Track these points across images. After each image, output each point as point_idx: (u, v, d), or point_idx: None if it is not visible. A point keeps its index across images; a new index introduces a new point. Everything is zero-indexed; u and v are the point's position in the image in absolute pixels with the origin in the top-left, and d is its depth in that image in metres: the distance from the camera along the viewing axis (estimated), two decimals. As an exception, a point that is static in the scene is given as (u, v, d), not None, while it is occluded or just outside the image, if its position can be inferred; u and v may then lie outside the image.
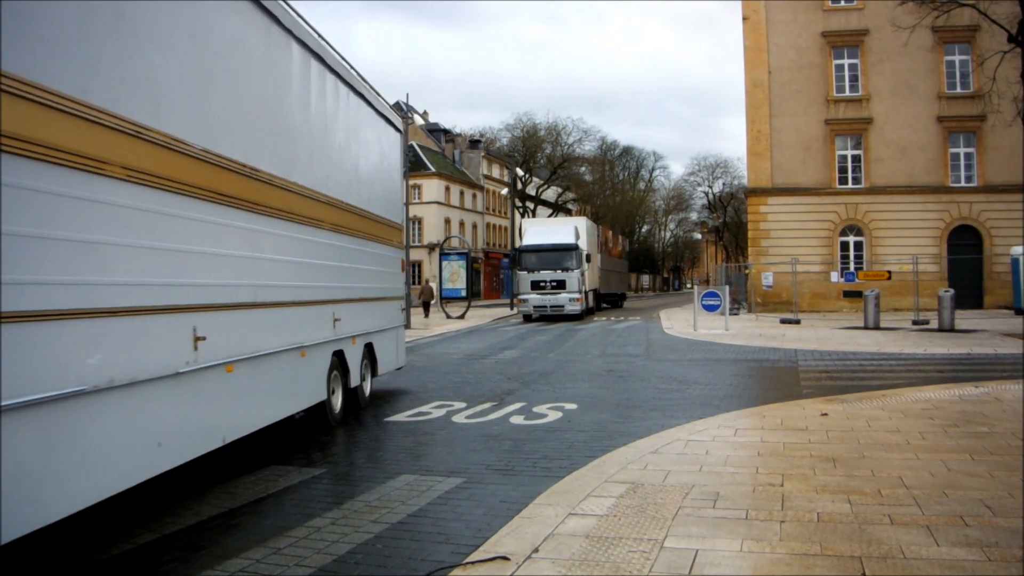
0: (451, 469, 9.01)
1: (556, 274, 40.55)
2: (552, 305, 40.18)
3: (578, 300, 40.39)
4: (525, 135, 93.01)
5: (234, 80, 8.43)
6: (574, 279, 40.58)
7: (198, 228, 7.40)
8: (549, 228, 44.96)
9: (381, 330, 14.20)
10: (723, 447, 9.42)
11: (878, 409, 11.82)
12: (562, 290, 40.30)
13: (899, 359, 20.27)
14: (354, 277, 12.34)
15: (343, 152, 12.10)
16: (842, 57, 42.37)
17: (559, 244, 41.39)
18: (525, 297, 40.90)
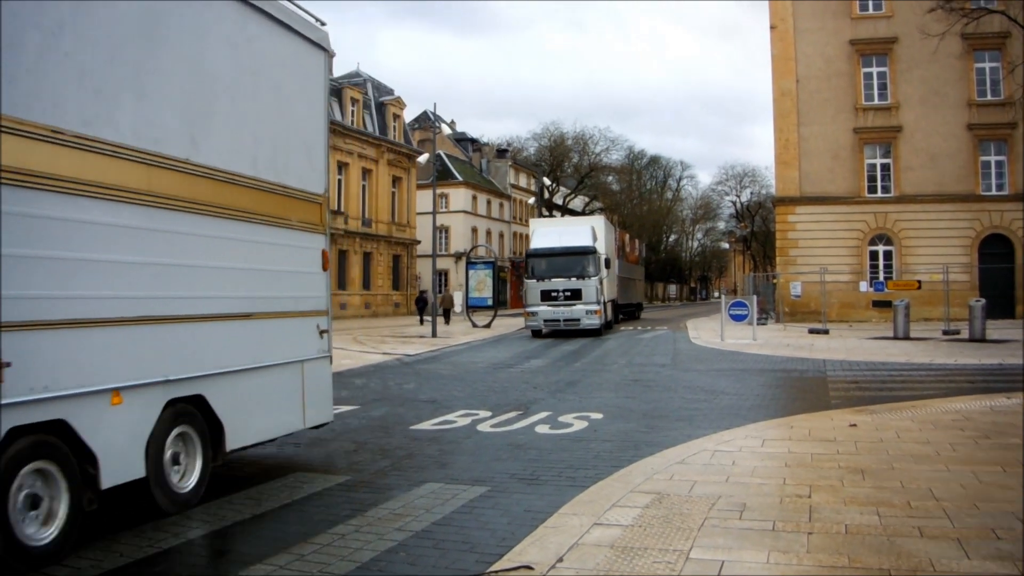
0: (476, 478, 8.98)
1: (570, 282, 34.26)
2: (566, 319, 34.21)
3: (596, 312, 34.21)
4: (552, 144, 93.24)
5: None
6: (591, 288, 34.29)
7: None
8: (562, 229, 38.28)
9: (245, 370, 8.56)
10: (750, 457, 9.34)
11: (908, 420, 11.71)
12: (577, 301, 34.10)
13: (929, 369, 20.08)
14: (174, 279, 7.53)
15: (172, 76, 7.62)
16: (871, 65, 42.16)
17: (574, 247, 34.94)
18: (534, 309, 34.75)
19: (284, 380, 9.38)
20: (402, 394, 16.82)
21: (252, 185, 8.68)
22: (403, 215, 69.39)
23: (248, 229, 8.63)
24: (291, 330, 9.53)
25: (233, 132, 8.52)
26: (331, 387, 10.68)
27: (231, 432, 8.31)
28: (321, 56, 10.30)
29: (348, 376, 20.46)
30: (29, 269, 6.00)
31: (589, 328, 34.35)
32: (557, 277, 34.57)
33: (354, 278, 62.14)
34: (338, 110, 61.03)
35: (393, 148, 67.16)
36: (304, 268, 9.80)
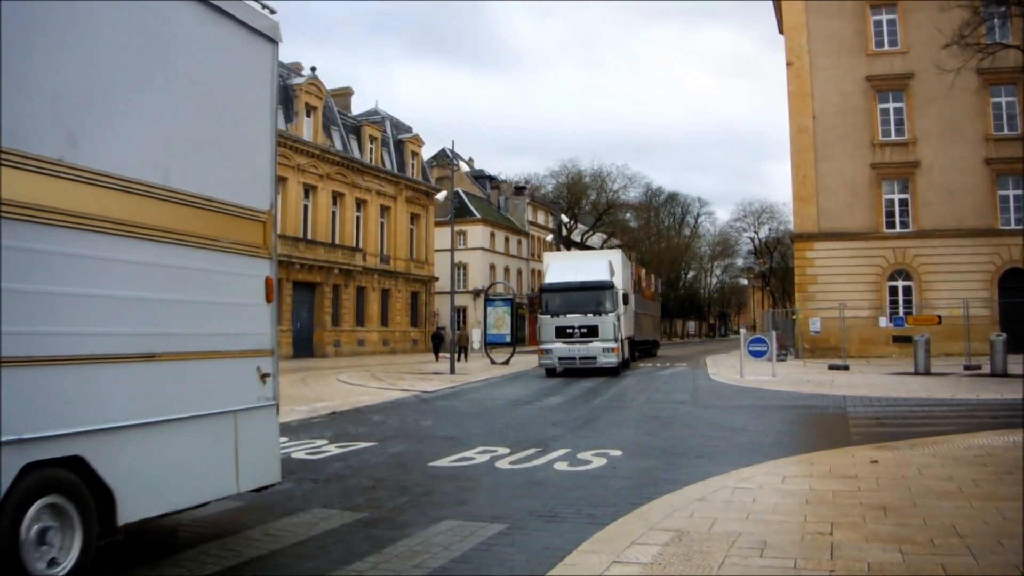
0: (495, 515, 8.93)
1: (587, 318, 32.76)
2: (582, 357, 32.50)
3: (614, 350, 32.56)
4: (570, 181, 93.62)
5: None
6: (609, 324, 32.74)
7: None
8: (578, 263, 37.58)
9: (146, 424, 6.74)
10: (771, 495, 9.27)
11: (930, 456, 11.61)
12: (594, 338, 32.55)
13: (951, 405, 19.94)
14: (32, 310, 5.75)
15: (37, 57, 5.92)
16: (887, 101, 42.23)
17: (591, 282, 33.53)
18: (548, 347, 33.08)
19: (207, 435, 7.57)
20: (420, 430, 16.78)
21: (159, 196, 7.00)
22: (421, 252, 69.67)
23: (153, 250, 6.92)
24: (219, 374, 7.73)
25: (131, 131, 6.86)
26: (277, 441, 8.73)
27: (126, 501, 6.44)
28: (267, 48, 8.62)
29: (366, 412, 20.46)
30: None
31: (606, 367, 32.49)
32: (572, 313, 32.98)
33: (372, 315, 62.32)
34: (356, 147, 61.52)
35: (411, 185, 67.57)
36: (240, 299, 8.01)
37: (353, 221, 60.67)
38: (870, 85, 42.23)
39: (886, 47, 42.49)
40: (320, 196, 56.37)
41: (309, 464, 12.48)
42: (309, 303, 55.91)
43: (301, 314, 54.92)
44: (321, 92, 57.20)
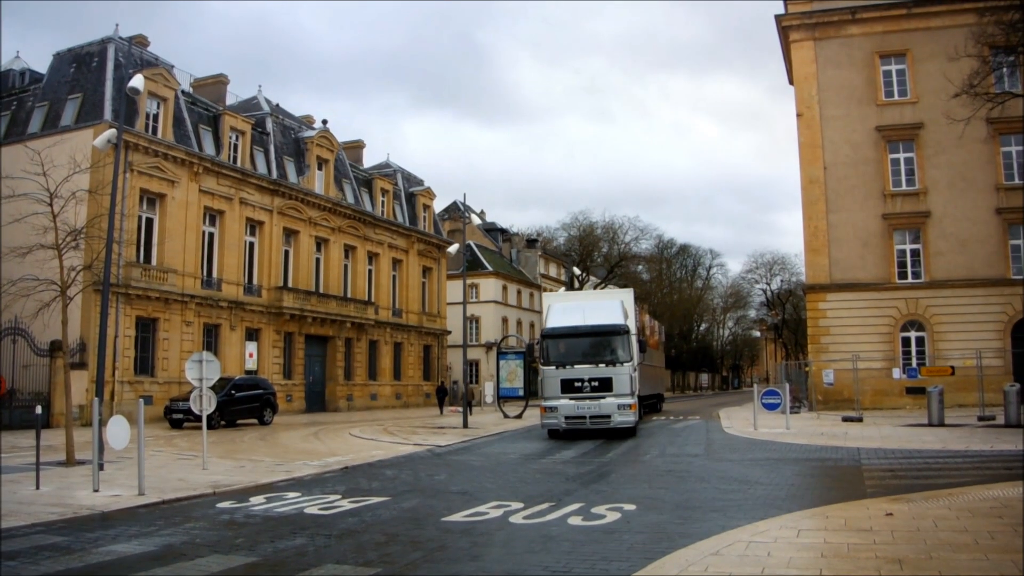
0: (508, 570, 8.90)
1: (598, 369, 27.78)
2: (593, 416, 27.51)
3: (630, 407, 27.64)
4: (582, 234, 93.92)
5: None
6: (624, 377, 27.68)
7: None
8: (586, 304, 32.47)
9: None
10: (786, 548, 9.22)
11: (945, 508, 11.54)
12: (607, 393, 27.54)
13: (965, 456, 19.81)
14: None
15: None
16: (897, 151, 42.35)
17: (602, 326, 28.68)
18: (553, 403, 27.96)
19: None
20: (433, 485, 16.74)
21: None
22: (433, 305, 69.74)
23: None
24: None
25: None
26: None
27: None
28: None
29: (379, 467, 20.43)
30: None
31: (622, 427, 27.79)
32: (581, 363, 28.05)
33: (385, 368, 62.27)
34: (368, 200, 61.87)
35: (423, 238, 67.80)
36: None
37: (365, 274, 60.85)
38: (880, 135, 42.38)
39: (896, 97, 42.70)
40: (332, 249, 56.60)
41: (322, 519, 12.46)
42: (321, 357, 55.95)
43: (313, 368, 54.93)
44: (333, 145, 57.63)
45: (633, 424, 28.25)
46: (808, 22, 43.96)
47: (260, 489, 16.19)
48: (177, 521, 12.45)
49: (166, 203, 42.70)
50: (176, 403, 35.08)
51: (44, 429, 20.87)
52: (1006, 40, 31.93)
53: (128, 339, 40.02)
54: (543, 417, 28.59)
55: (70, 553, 10.09)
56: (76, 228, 21.44)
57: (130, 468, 17.42)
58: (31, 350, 34.57)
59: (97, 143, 20.88)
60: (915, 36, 42.36)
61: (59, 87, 42.97)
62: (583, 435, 28.10)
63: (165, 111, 43.37)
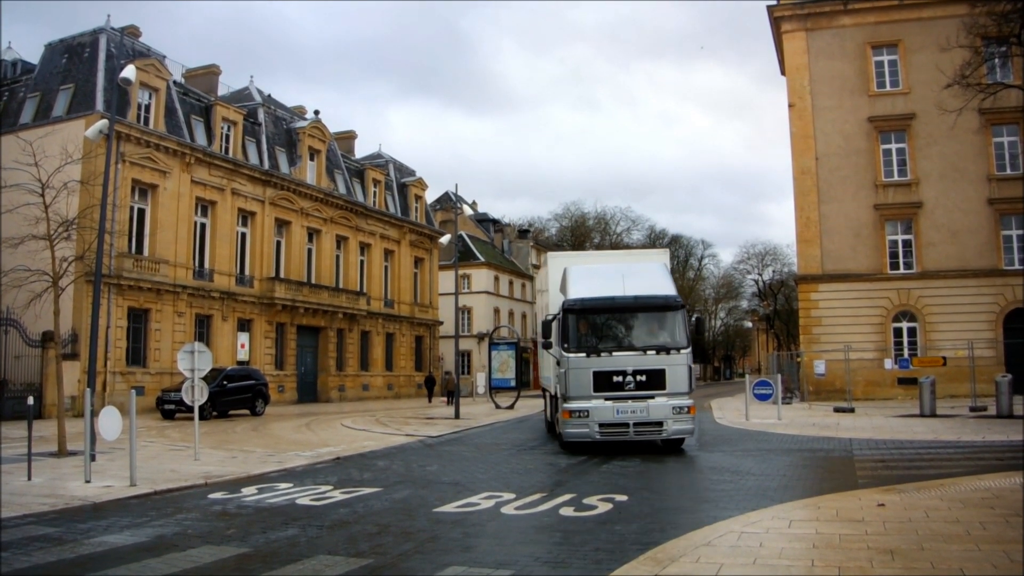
0: (500, 561, 8.90)
1: (646, 358, 19.95)
2: (640, 423, 19.85)
3: (688, 410, 20.03)
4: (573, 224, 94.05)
5: None
6: (681, 369, 20.09)
7: None
8: (623, 267, 23.02)
9: None
10: (777, 539, 9.24)
11: (936, 499, 11.57)
12: (657, 391, 19.87)
13: (957, 447, 19.87)
14: None
15: None
16: (889, 142, 42.41)
17: (650, 298, 20.69)
18: (580, 407, 19.95)
19: None
20: (425, 476, 16.74)
21: None
22: (425, 296, 69.68)
23: None
24: None
25: None
26: None
27: None
28: None
29: (371, 458, 20.42)
30: None
31: (675, 438, 20.70)
32: (622, 350, 20.21)
33: (376, 359, 62.25)
34: (360, 191, 61.78)
35: (415, 229, 67.74)
36: None
37: (357, 265, 60.78)
38: (872, 126, 42.42)
39: (888, 88, 42.76)
40: (324, 240, 56.52)
41: (314, 510, 12.45)
42: (313, 348, 55.90)
43: (305, 359, 54.88)
44: (324, 136, 57.51)
45: (692, 431, 20.68)
46: (800, 12, 43.96)
47: (252, 480, 16.18)
48: (169, 512, 12.43)
49: (158, 194, 42.59)
50: (168, 394, 35.08)
51: (36, 420, 20.81)
52: (998, 31, 32.05)
53: (120, 330, 39.95)
54: (564, 424, 20.24)
55: (62, 544, 10.07)
56: (68, 219, 21.36)
57: (122, 459, 17.39)
58: (23, 341, 34.52)
59: (89, 134, 20.78)
60: (907, 27, 42.40)
61: (51, 78, 42.82)
62: (620, 448, 20.83)
63: (157, 102, 43.24)
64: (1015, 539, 8.77)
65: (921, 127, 41.53)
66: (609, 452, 20.23)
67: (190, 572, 8.59)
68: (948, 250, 40.99)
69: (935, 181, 41.38)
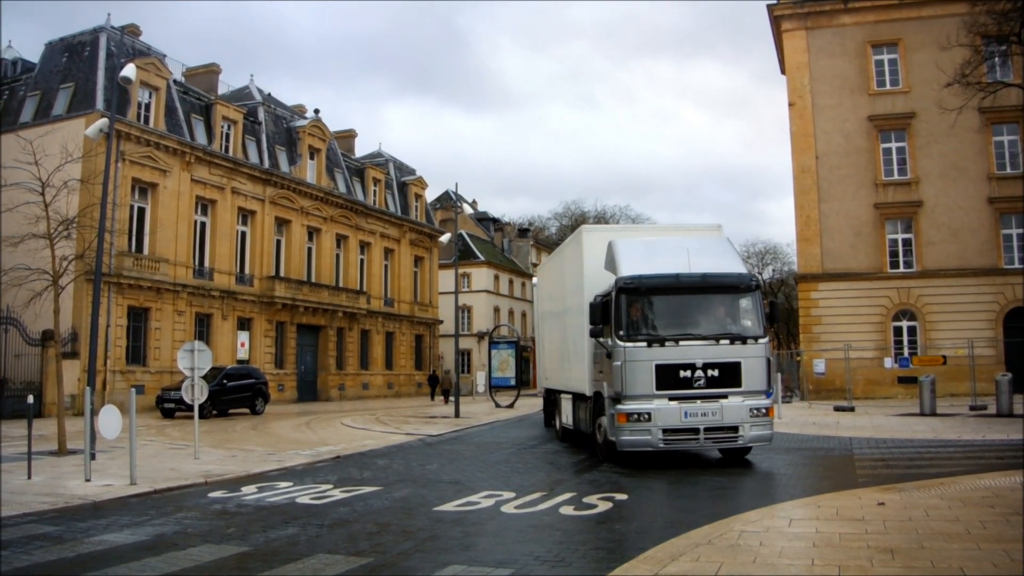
0: (500, 560, 8.89)
1: (718, 349, 16.81)
2: (711, 428, 16.71)
3: (768, 412, 17.10)
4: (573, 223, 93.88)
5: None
6: (758, 362, 16.99)
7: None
8: (684, 242, 18.65)
9: None
10: (777, 538, 9.23)
11: (936, 498, 11.56)
12: (731, 389, 16.75)
13: (957, 446, 19.86)
14: None
15: None
16: (889, 140, 42.40)
17: (721, 276, 17.53)
18: (641, 408, 16.60)
19: None
20: (425, 475, 16.73)
21: None
22: (425, 295, 69.69)
23: None
24: None
25: None
26: None
27: None
28: None
29: (371, 457, 20.42)
30: None
31: (752, 444, 17.43)
32: (690, 338, 16.81)
33: (376, 358, 62.26)
34: (360, 190, 61.76)
35: (415, 228, 67.74)
36: None
37: (357, 264, 60.78)
38: (872, 125, 42.41)
39: (888, 87, 42.75)
40: (324, 239, 56.52)
41: (313, 509, 12.45)
42: (313, 347, 55.90)
43: (305, 357, 54.88)
44: (325, 135, 57.51)
45: (770, 437, 17.54)
46: (800, 11, 43.95)
47: (252, 479, 16.18)
48: (169, 511, 12.43)
49: (158, 192, 42.59)
50: (168, 392, 35.06)
51: (36, 419, 20.81)
52: (998, 29, 32.01)
53: (120, 328, 39.94)
54: (619, 430, 16.76)
55: (62, 543, 10.07)
56: (68, 217, 21.36)
57: (122, 458, 17.39)
58: (23, 339, 34.52)
59: (89, 132, 20.77)
60: (907, 25, 42.39)
61: (51, 76, 42.81)
62: (681, 457, 18.38)
63: (157, 100, 43.24)
64: (1015, 538, 8.77)
65: (921, 126, 41.51)
66: (669, 463, 17.37)
67: (190, 571, 8.58)
68: (948, 249, 40.97)
69: (935, 180, 41.37)
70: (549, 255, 27.08)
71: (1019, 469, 14.42)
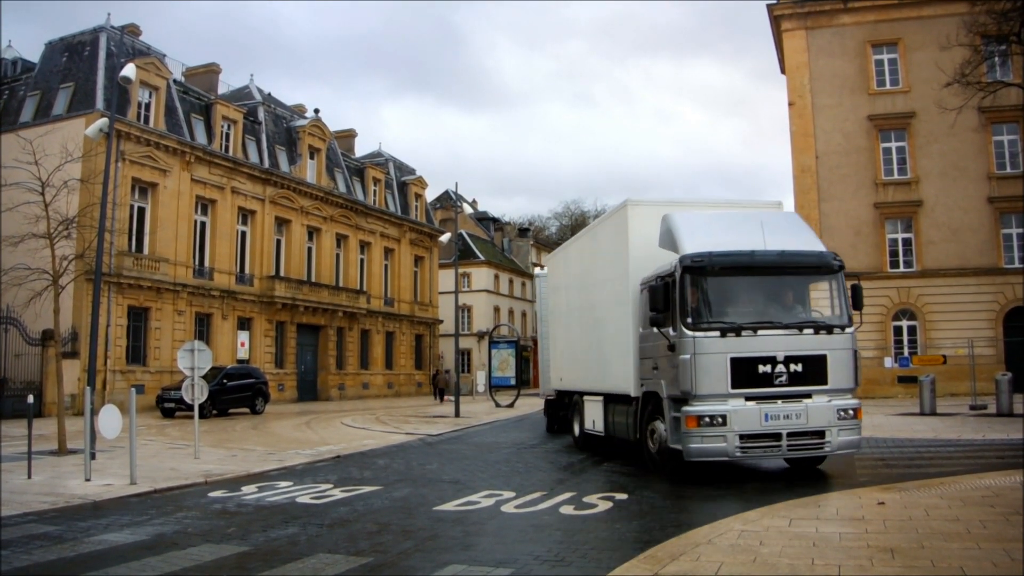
0: (500, 560, 8.89)
1: (802, 339, 14.34)
2: (794, 434, 14.06)
3: (856, 414, 14.58)
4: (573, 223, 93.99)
5: None
6: (846, 355, 14.54)
7: None
8: (751, 215, 16.28)
9: None
10: (777, 538, 9.22)
11: (937, 497, 11.55)
12: (814, 387, 14.26)
13: (957, 445, 19.84)
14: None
15: None
16: (889, 140, 42.38)
17: (799, 255, 15.28)
18: (715, 410, 13.86)
19: None
20: (425, 474, 16.73)
21: None
22: (425, 294, 69.70)
23: None
24: None
25: None
26: None
27: None
28: None
29: (371, 456, 20.42)
30: None
31: (842, 451, 14.85)
32: (765, 326, 14.29)
33: (376, 357, 62.27)
34: (360, 189, 61.76)
35: (415, 227, 67.76)
36: None
37: (357, 264, 60.79)
38: (872, 124, 42.40)
39: (888, 86, 42.74)
40: (324, 239, 56.54)
41: (314, 509, 12.45)
42: (313, 346, 55.92)
43: (305, 357, 54.90)
44: (325, 134, 57.53)
45: (859, 445, 15.34)
46: (800, 11, 43.93)
47: (252, 478, 16.18)
48: (169, 510, 12.43)
49: (158, 192, 42.60)
50: (168, 392, 35.07)
51: (36, 418, 20.81)
52: (998, 29, 32.01)
53: (120, 328, 39.96)
54: (686, 436, 14.00)
55: (62, 542, 10.07)
56: (68, 217, 21.37)
57: (122, 457, 17.39)
58: (23, 339, 34.53)
59: (89, 132, 20.78)
60: (907, 25, 42.37)
61: (51, 76, 42.82)
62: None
63: (157, 100, 43.25)
64: (1015, 537, 8.76)
65: (921, 125, 41.50)
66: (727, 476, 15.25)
67: (190, 571, 8.58)
68: (948, 248, 40.96)
69: (935, 179, 41.35)
70: (566, 242, 24.92)
71: (1019, 468, 14.41)
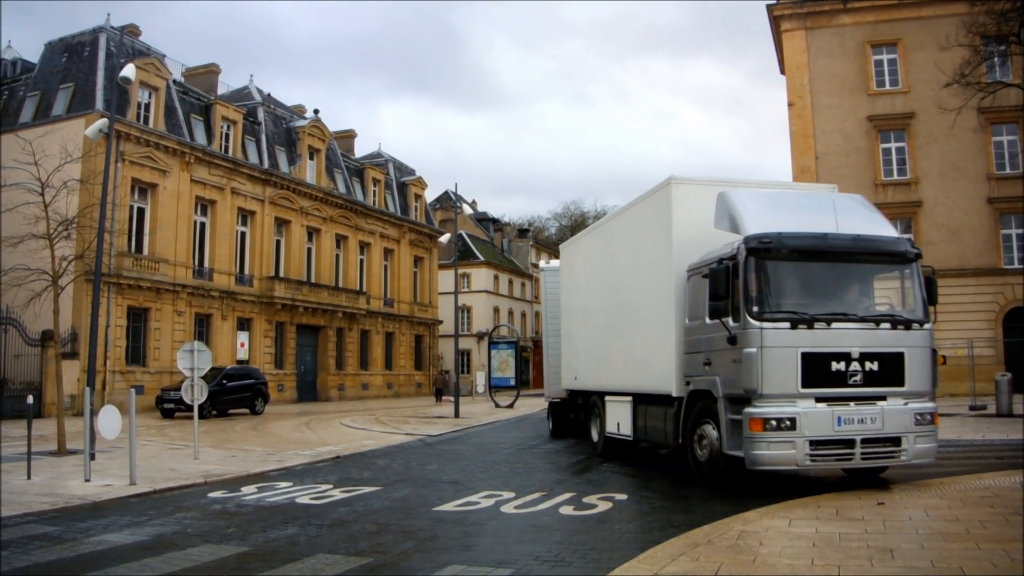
0: (500, 560, 8.89)
1: (877, 334, 12.70)
2: (868, 440, 12.41)
3: (933, 418, 12.88)
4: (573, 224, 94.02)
5: None
6: (922, 353, 13.04)
7: None
8: (818, 196, 15.36)
9: None
10: (777, 538, 9.22)
11: (936, 497, 11.56)
12: (889, 388, 12.61)
13: (957, 446, 19.85)
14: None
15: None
16: (889, 141, 42.35)
17: (875, 240, 13.42)
18: (783, 413, 12.17)
19: None
20: (425, 475, 16.73)
21: None
22: (425, 295, 69.70)
23: None
24: None
25: None
26: None
27: None
28: None
29: (371, 457, 20.42)
30: None
31: (919, 460, 13.00)
32: (840, 319, 12.68)
33: (376, 358, 62.26)
34: (360, 190, 61.74)
35: (415, 228, 67.75)
36: None
37: (357, 264, 60.79)
38: (872, 125, 42.38)
39: (887, 87, 42.70)
40: (324, 239, 56.53)
41: (313, 509, 12.45)
42: (313, 347, 55.90)
43: (305, 358, 54.89)
44: (324, 135, 57.52)
45: (934, 453, 13.31)
46: (800, 11, 43.91)
47: (252, 479, 16.18)
48: (169, 511, 12.43)
49: (157, 193, 42.60)
50: (168, 393, 35.05)
51: (35, 419, 20.80)
52: (997, 29, 32.02)
53: (120, 329, 39.96)
54: (751, 441, 12.38)
55: (62, 543, 10.07)
56: (68, 218, 21.37)
57: (122, 458, 17.39)
58: (22, 340, 34.51)
59: (88, 133, 20.77)
60: (907, 26, 42.33)
61: (51, 77, 42.81)
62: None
63: (157, 101, 43.25)
64: (1015, 538, 8.76)
65: (921, 126, 41.47)
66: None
67: (190, 571, 8.58)
68: (948, 249, 40.91)
69: (935, 180, 41.33)
70: (583, 231, 23.34)
71: (1019, 469, 14.41)
